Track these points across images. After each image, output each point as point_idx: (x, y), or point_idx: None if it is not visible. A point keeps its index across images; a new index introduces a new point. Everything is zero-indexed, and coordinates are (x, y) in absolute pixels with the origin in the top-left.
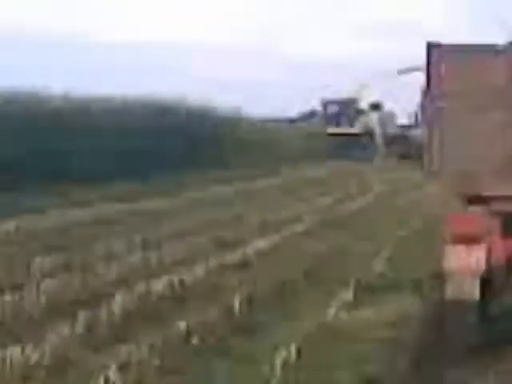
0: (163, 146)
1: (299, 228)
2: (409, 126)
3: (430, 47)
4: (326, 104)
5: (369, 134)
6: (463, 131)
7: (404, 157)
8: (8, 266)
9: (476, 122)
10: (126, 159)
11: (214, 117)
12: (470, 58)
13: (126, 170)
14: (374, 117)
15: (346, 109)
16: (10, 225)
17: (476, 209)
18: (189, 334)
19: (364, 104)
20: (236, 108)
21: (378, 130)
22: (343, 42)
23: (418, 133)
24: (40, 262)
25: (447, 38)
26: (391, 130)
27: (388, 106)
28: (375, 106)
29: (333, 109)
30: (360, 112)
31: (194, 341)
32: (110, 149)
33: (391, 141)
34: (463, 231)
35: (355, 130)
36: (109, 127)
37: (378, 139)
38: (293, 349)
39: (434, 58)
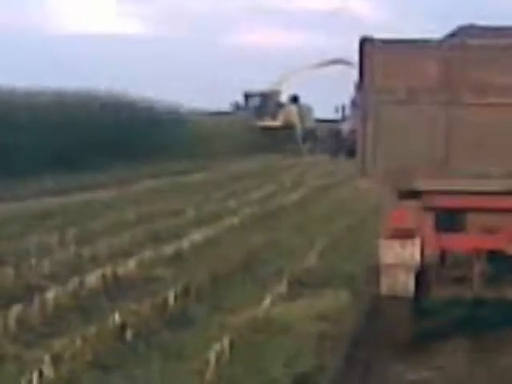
0: (97, 140)
1: (234, 221)
2: (334, 121)
3: (363, 41)
4: (247, 96)
5: (289, 127)
6: (396, 126)
7: (336, 152)
8: None
9: (409, 116)
10: (60, 153)
11: (148, 110)
12: (404, 53)
13: (60, 164)
14: (293, 110)
15: (267, 101)
16: None
17: (409, 203)
18: (123, 327)
19: (284, 97)
20: (168, 101)
21: (297, 124)
22: (273, 33)
23: (346, 127)
24: None
25: (380, 31)
26: (309, 124)
27: (306, 99)
28: (294, 99)
29: (254, 101)
30: (281, 105)
31: (128, 334)
32: (44, 143)
33: (310, 135)
34: (397, 226)
35: (277, 123)
36: (44, 121)
37: (298, 133)
38: (226, 342)
39: (366, 53)
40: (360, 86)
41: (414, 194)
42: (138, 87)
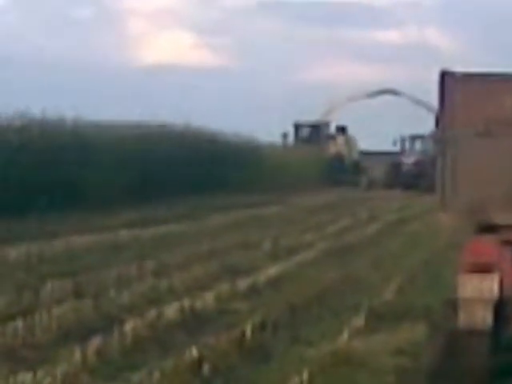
0: (172, 173)
1: (310, 255)
2: (393, 153)
3: (444, 75)
4: (297, 127)
5: (339, 159)
6: (476, 159)
7: (398, 186)
8: (18, 292)
9: (488, 150)
10: (136, 186)
11: (220, 141)
12: (483, 86)
13: (135, 197)
14: (342, 141)
15: (317, 132)
16: (21, 250)
17: (488, 238)
18: (200, 360)
19: (332, 127)
20: (241, 134)
21: (346, 155)
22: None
23: (408, 160)
24: (51, 288)
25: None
26: (355, 156)
27: (352, 130)
28: (341, 129)
29: (304, 132)
30: (330, 136)
31: (206, 368)
32: (118, 176)
33: (355, 167)
34: (476, 260)
35: (330, 154)
36: (119, 154)
37: (347, 163)
38: (305, 376)
39: (447, 86)
40: (440, 119)
41: (492, 228)
42: (206, 118)
